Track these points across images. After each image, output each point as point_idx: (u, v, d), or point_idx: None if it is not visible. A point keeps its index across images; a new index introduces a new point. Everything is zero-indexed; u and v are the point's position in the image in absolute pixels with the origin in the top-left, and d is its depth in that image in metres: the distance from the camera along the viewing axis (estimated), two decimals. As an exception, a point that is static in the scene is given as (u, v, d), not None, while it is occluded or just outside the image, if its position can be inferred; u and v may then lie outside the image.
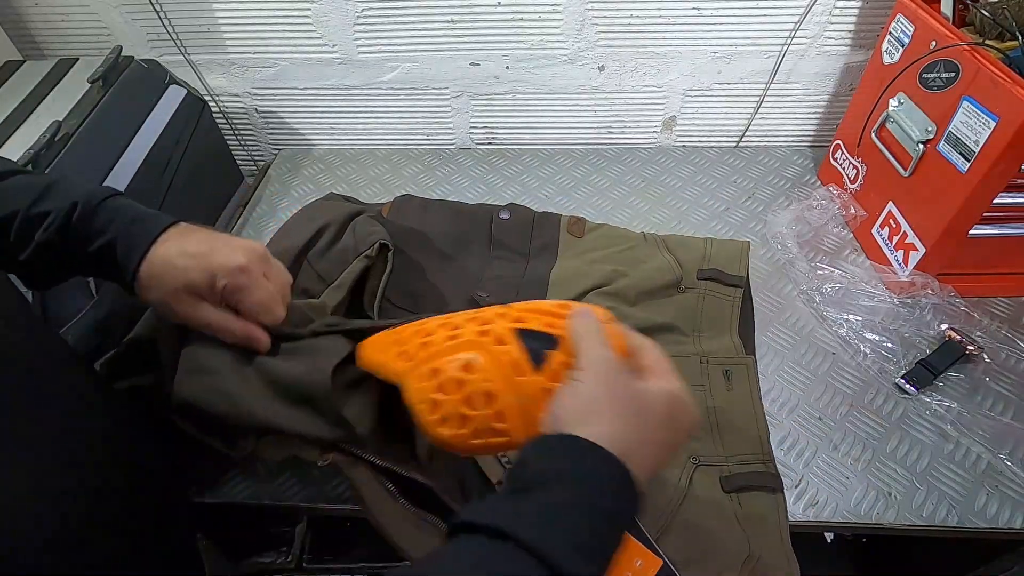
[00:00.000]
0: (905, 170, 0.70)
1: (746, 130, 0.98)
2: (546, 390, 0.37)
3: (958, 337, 0.65)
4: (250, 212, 0.90)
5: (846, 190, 0.82)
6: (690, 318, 0.68)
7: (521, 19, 0.87)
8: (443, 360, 0.40)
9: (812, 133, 0.98)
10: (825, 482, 0.57)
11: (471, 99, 0.97)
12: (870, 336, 0.67)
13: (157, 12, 0.88)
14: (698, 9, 0.84)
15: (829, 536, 0.72)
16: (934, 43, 0.65)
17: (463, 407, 0.38)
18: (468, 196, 0.90)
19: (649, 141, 1.01)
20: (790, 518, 0.54)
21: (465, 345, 0.40)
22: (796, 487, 0.57)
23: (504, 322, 0.41)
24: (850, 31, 0.86)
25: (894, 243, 0.73)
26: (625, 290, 0.67)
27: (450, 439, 0.39)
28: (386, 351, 0.45)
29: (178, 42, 0.92)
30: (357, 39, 0.90)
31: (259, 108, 1.01)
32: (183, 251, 0.44)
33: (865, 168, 0.79)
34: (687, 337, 0.66)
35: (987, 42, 0.62)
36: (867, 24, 0.84)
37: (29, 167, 0.61)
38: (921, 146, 0.67)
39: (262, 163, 1.07)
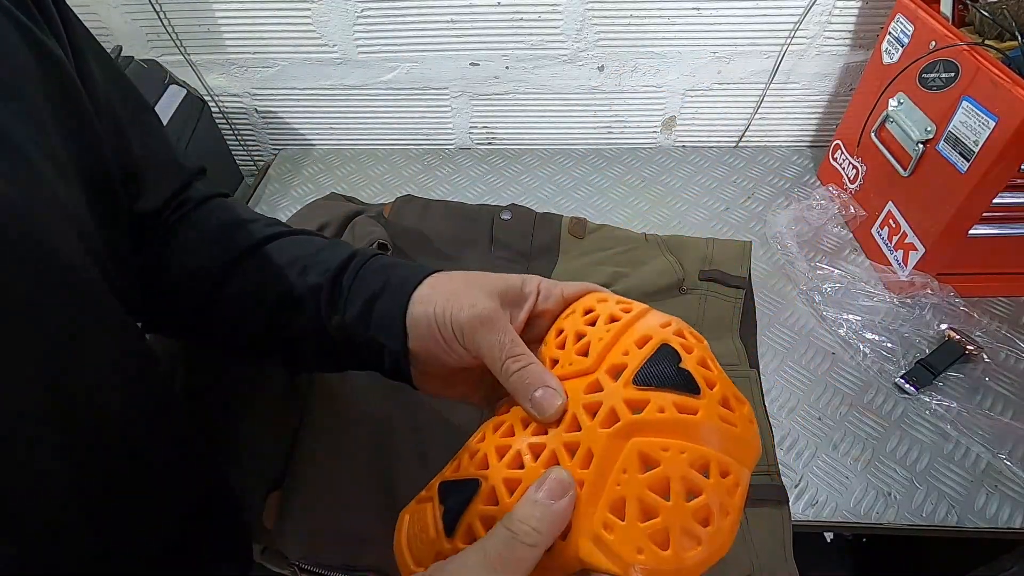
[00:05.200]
0: (905, 170, 0.70)
1: (746, 130, 0.98)
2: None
3: (958, 337, 0.65)
4: (250, 212, 0.90)
5: (846, 190, 0.82)
6: (691, 320, 0.67)
7: (521, 19, 0.87)
8: None
9: (812, 133, 0.98)
10: (825, 482, 0.57)
11: (471, 99, 0.97)
12: (870, 336, 0.67)
13: (157, 12, 0.88)
14: (698, 9, 0.84)
15: (829, 536, 0.72)
16: (934, 43, 0.65)
17: None
18: (468, 196, 0.90)
19: (649, 141, 1.01)
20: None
21: None
22: (796, 487, 0.57)
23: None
24: (850, 31, 0.86)
25: (894, 243, 0.73)
26: (626, 292, 0.66)
27: None
28: None
29: (178, 42, 0.92)
30: (357, 39, 0.90)
31: (259, 108, 1.01)
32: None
33: (865, 168, 0.79)
34: (687, 338, 0.66)
35: (987, 42, 0.62)
36: (867, 24, 0.85)
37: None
38: (921, 146, 0.67)
39: (262, 163, 1.07)
